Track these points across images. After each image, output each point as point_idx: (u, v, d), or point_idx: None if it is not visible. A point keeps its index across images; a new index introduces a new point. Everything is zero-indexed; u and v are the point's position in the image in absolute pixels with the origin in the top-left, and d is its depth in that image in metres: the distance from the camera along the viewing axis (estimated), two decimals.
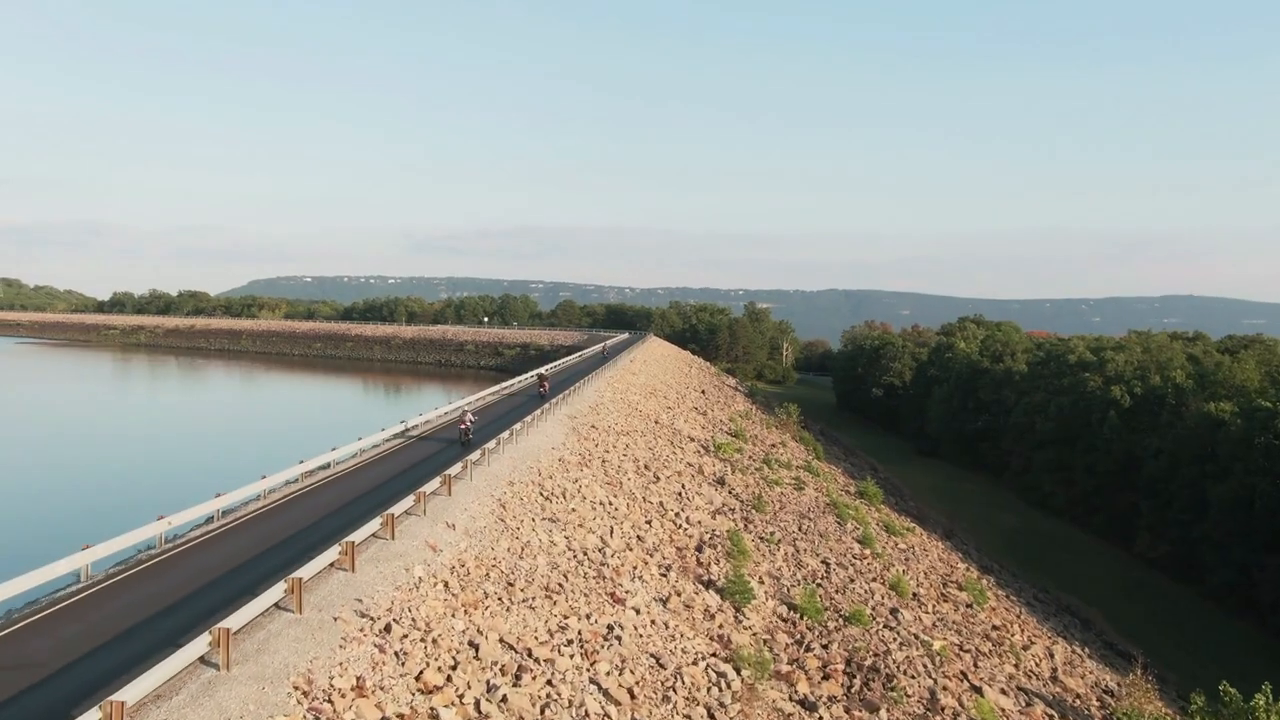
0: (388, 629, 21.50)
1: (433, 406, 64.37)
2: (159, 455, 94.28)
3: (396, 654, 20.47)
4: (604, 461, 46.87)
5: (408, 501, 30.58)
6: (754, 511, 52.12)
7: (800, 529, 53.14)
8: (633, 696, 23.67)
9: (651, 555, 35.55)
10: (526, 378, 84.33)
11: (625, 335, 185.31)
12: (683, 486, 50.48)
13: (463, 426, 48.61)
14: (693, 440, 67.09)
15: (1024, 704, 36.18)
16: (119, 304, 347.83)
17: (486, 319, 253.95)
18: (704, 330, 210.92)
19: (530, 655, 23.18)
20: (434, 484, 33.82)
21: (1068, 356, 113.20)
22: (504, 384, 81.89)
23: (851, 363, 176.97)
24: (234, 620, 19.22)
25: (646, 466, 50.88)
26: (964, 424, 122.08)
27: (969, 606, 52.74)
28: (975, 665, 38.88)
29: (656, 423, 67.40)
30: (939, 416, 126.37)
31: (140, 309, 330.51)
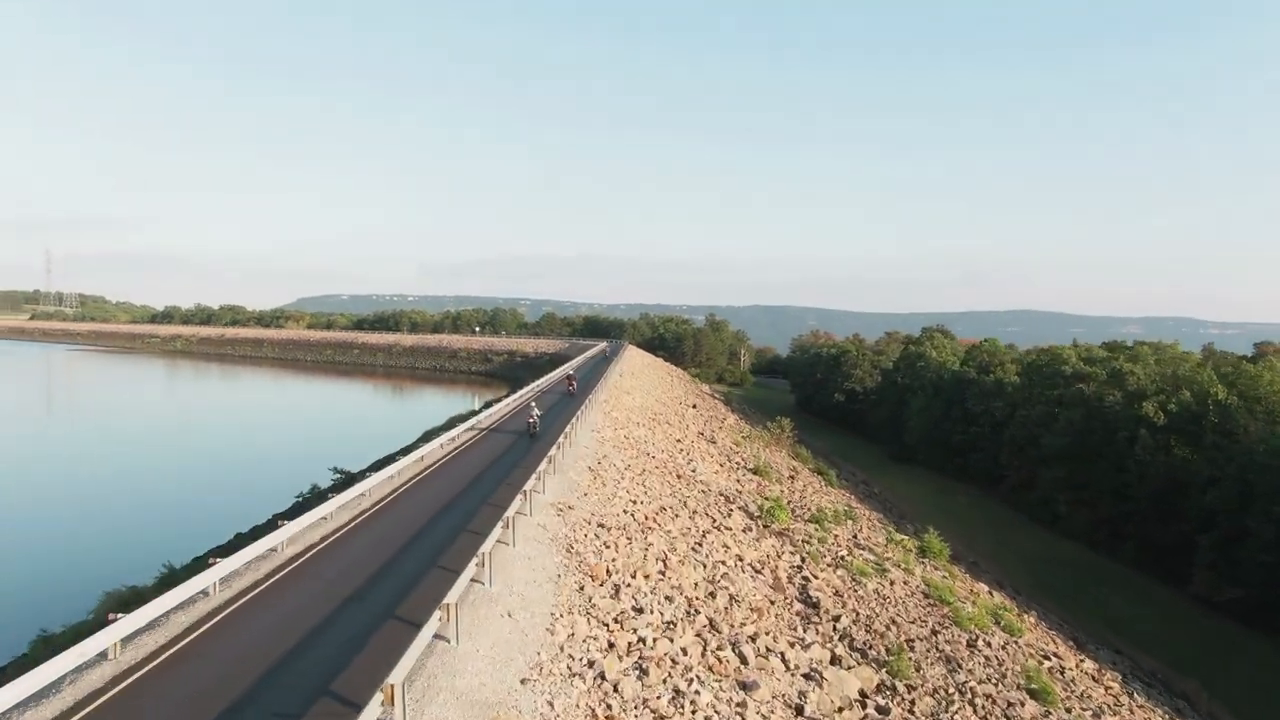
0: None
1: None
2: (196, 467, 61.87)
3: None
4: (643, 669, 15.37)
5: None
6: (896, 681, 21.35)
7: (966, 697, 22.52)
8: None
9: None
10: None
11: (605, 344, 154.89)
12: (782, 657, 19.43)
13: (530, 420, 41.11)
14: (728, 500, 36.39)
15: None
16: (168, 316, 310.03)
17: (477, 328, 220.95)
18: (670, 338, 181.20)
19: None
20: None
21: (1061, 367, 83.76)
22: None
23: (810, 368, 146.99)
24: None
25: (713, 626, 19.71)
26: (948, 434, 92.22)
27: None
28: None
29: (679, 477, 36.74)
30: (919, 426, 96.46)
31: (186, 320, 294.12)
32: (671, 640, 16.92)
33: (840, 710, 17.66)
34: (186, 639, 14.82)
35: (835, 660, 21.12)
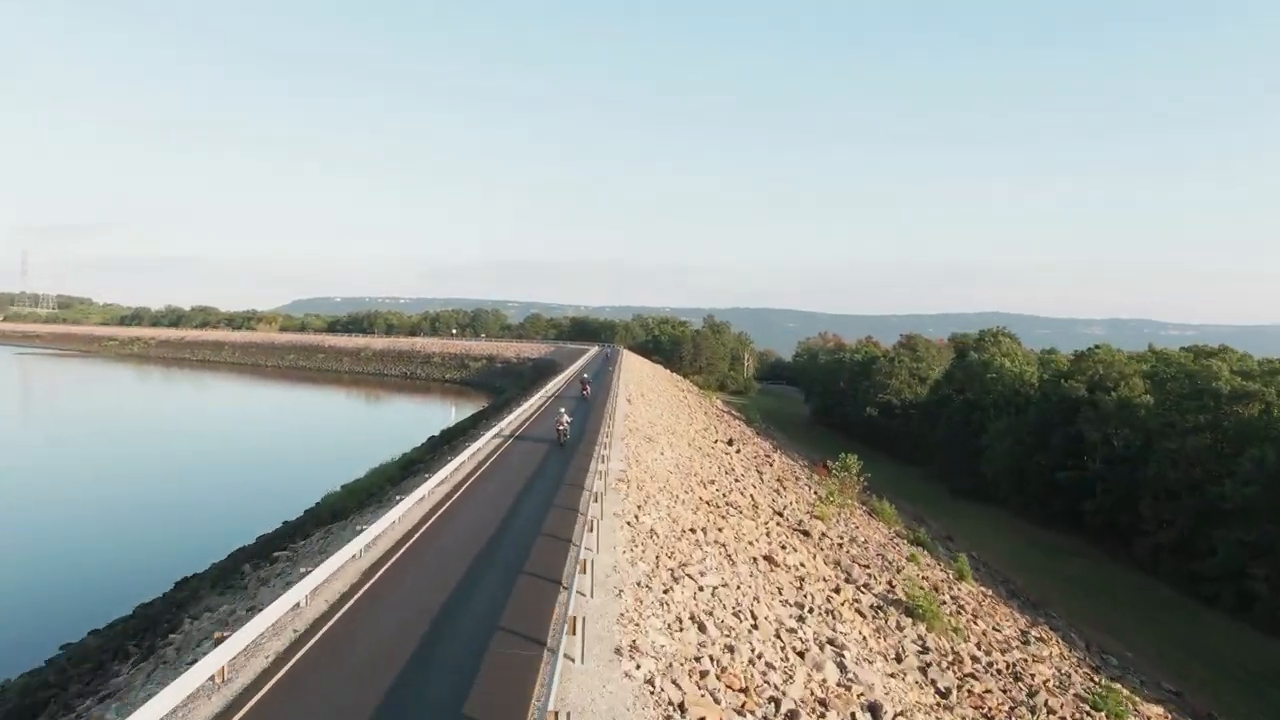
0: None
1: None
2: None
3: None
4: None
5: None
6: None
7: None
8: None
9: None
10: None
11: (596, 348, 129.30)
12: None
13: (560, 428, 34.29)
14: None
15: None
16: (137, 317, 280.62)
17: (455, 331, 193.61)
18: (667, 342, 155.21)
19: None
20: None
21: (1213, 384, 58.78)
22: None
23: (831, 375, 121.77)
24: None
25: None
26: (1047, 468, 67.21)
27: None
28: None
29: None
30: (1000, 455, 71.38)
31: (155, 322, 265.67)
32: None
33: None
34: None
35: None
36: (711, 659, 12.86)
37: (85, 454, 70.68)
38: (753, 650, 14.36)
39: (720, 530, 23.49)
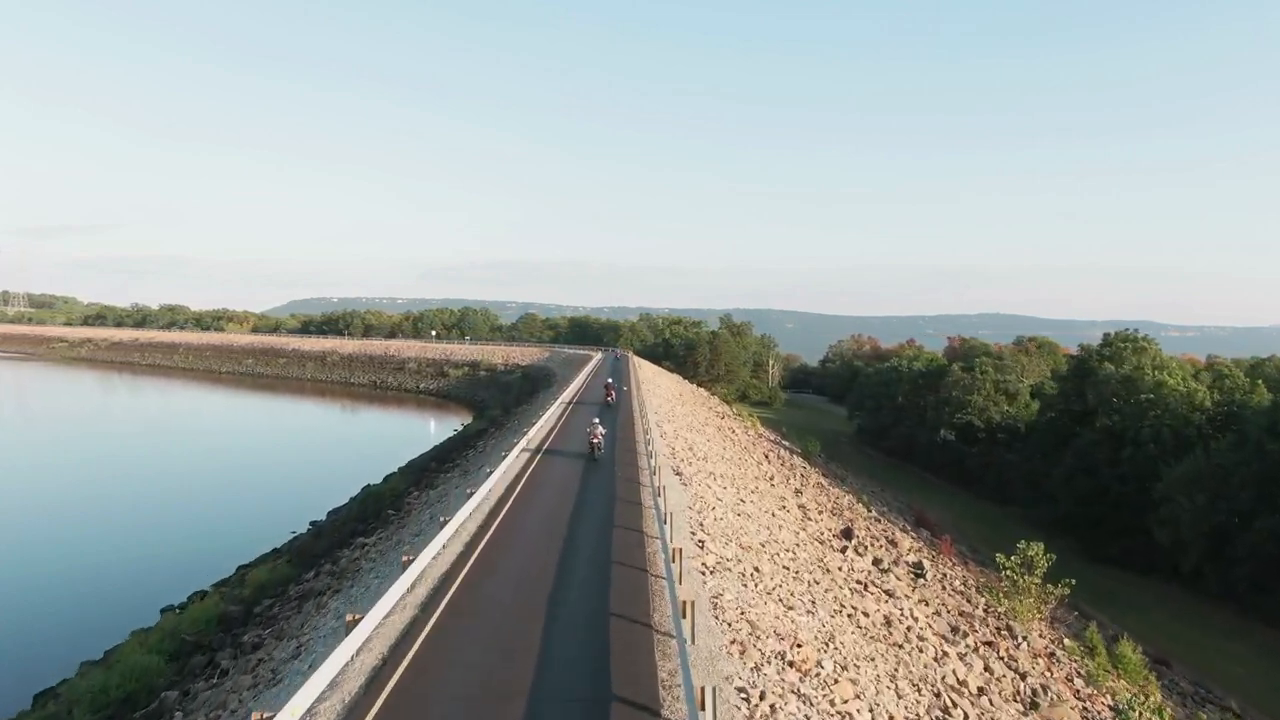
0: None
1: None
2: None
3: None
4: None
5: None
6: None
7: None
8: None
9: None
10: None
11: (600, 354, 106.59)
12: None
13: (594, 440, 30.93)
14: None
15: None
16: (101, 318, 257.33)
17: (435, 333, 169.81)
18: (679, 346, 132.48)
19: None
20: None
21: None
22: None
23: (883, 389, 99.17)
24: None
25: None
26: (1270, 537, 44.63)
27: None
28: None
29: None
30: (1189, 514, 48.88)
31: (119, 322, 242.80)
32: None
33: None
34: None
35: None
36: None
37: None
38: None
39: None
